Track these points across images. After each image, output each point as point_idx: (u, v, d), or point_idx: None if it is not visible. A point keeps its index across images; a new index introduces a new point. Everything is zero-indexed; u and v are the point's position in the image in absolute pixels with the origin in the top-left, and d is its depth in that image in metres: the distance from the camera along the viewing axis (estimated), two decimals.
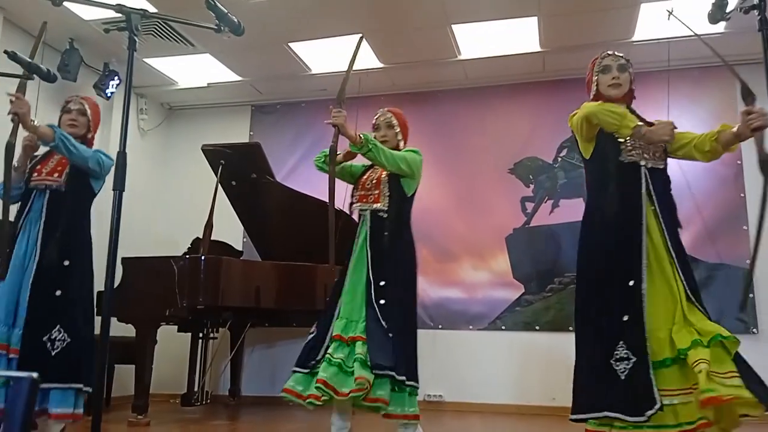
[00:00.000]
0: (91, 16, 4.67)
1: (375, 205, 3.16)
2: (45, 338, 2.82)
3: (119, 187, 1.94)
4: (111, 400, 5.04)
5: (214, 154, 4.67)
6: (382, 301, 2.89)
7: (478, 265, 5.50)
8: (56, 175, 3.11)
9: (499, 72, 5.54)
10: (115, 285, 4.01)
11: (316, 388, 2.68)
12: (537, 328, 5.23)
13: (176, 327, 4.89)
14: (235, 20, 2.48)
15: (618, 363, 2.30)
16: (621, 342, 2.32)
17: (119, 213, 1.95)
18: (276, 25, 4.85)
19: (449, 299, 5.49)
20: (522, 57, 5.29)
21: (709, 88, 5.31)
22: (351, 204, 3.28)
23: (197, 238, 4.58)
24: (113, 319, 4.01)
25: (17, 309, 2.88)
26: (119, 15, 2.21)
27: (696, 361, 2.21)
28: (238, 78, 5.83)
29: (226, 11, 2.45)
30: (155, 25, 4.79)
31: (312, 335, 2.93)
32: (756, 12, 2.35)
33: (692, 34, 3.17)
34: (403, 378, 2.75)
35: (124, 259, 4.14)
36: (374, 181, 3.25)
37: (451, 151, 5.74)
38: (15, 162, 2.84)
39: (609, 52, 2.86)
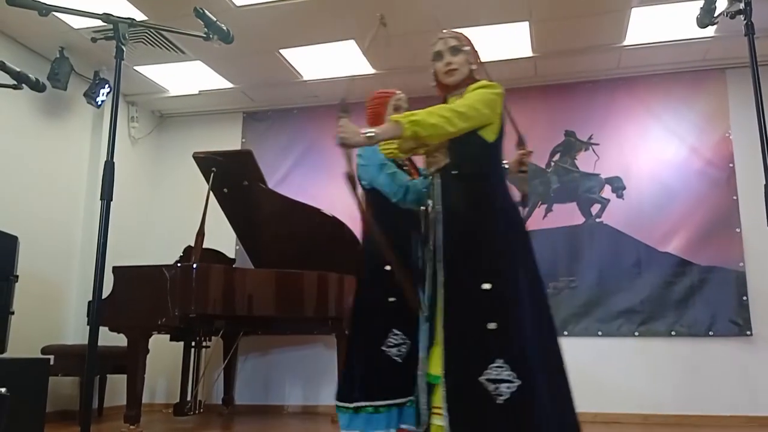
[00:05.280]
0: (81, 25, 4.65)
1: None
2: None
3: (107, 196, 1.92)
4: (103, 410, 5.01)
5: (205, 162, 4.65)
6: None
7: None
8: None
9: (491, 77, 5.53)
10: (106, 294, 4.01)
11: None
12: None
13: (168, 336, 4.86)
14: (224, 28, 2.47)
15: None
16: None
17: (107, 222, 1.94)
18: (267, 32, 4.84)
19: None
20: (514, 62, 5.29)
21: (701, 92, 5.32)
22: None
23: (189, 246, 4.55)
24: (105, 329, 4.00)
25: None
26: (107, 24, 2.20)
27: None
28: (230, 85, 5.82)
29: (215, 19, 2.44)
30: (145, 33, 4.78)
31: None
32: (742, 17, 2.35)
33: (683, 38, 3.16)
34: None
35: (115, 268, 4.11)
36: None
37: None
38: None
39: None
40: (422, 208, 2.54)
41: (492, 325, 1.95)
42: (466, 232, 2.10)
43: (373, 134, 2.03)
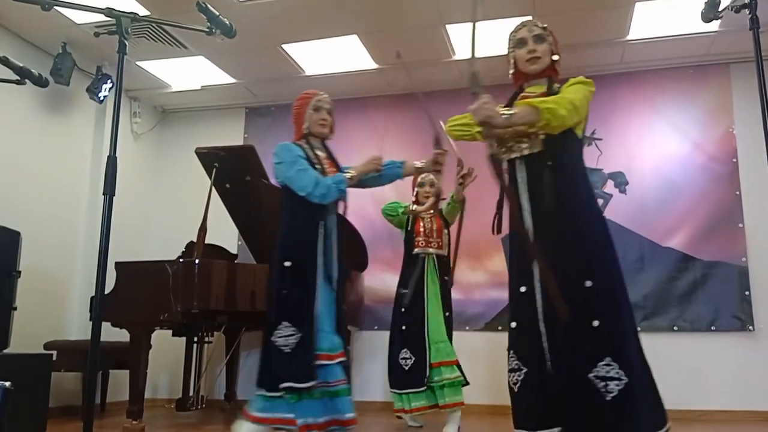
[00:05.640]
0: (84, 20, 4.65)
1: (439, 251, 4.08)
2: None
3: (109, 191, 1.92)
4: (105, 405, 5.02)
5: (207, 157, 4.64)
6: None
7: (475, 266, 5.48)
8: None
9: (494, 72, 5.44)
10: (109, 290, 4.01)
11: None
12: None
13: (171, 332, 4.87)
14: (227, 22, 2.47)
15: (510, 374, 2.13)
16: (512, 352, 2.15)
17: (110, 217, 1.94)
18: (269, 27, 4.83)
19: None
20: None
21: (704, 86, 5.31)
22: (413, 247, 4.07)
23: (191, 241, 4.56)
24: (108, 324, 4.01)
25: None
26: (110, 19, 2.20)
27: None
28: (232, 80, 5.81)
29: (217, 14, 2.44)
30: (147, 28, 4.77)
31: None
32: (747, 11, 2.34)
33: (686, 32, 3.12)
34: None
35: (117, 264, 4.11)
36: (435, 230, 4.05)
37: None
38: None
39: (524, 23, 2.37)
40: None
41: (596, 323, 1.96)
42: (559, 227, 2.06)
43: (510, 115, 2.00)
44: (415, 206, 4.16)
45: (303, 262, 2.73)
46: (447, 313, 4.03)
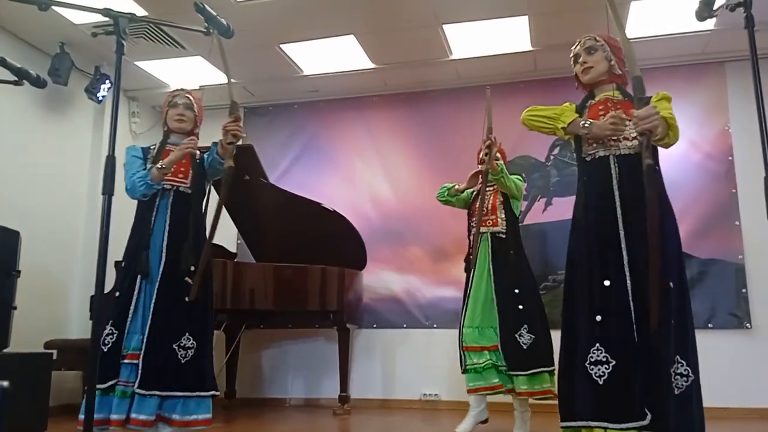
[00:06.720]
0: (81, 20, 4.66)
1: (493, 228, 3.74)
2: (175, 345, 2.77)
3: (108, 191, 1.93)
4: None
5: None
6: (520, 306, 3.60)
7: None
8: (181, 176, 3.03)
9: (491, 71, 5.55)
10: (108, 289, 4.02)
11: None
12: None
13: None
14: (224, 23, 2.48)
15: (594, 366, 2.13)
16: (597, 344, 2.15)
17: (109, 217, 1.95)
18: (267, 27, 4.85)
19: (444, 298, 5.49)
20: (513, 56, 5.30)
21: (700, 85, 5.33)
22: (470, 228, 3.75)
23: None
24: None
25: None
26: (107, 19, 2.21)
27: None
28: None
29: (215, 14, 2.45)
30: (145, 29, 4.78)
31: None
32: (742, 9, 2.35)
33: (682, 31, 3.13)
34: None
35: (117, 263, 4.12)
36: (490, 207, 3.77)
37: (444, 151, 5.75)
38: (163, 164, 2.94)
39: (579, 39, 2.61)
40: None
41: (673, 322, 2.09)
42: (658, 226, 2.09)
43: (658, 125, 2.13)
44: (458, 184, 3.93)
45: (131, 262, 2.85)
46: (516, 290, 3.65)
